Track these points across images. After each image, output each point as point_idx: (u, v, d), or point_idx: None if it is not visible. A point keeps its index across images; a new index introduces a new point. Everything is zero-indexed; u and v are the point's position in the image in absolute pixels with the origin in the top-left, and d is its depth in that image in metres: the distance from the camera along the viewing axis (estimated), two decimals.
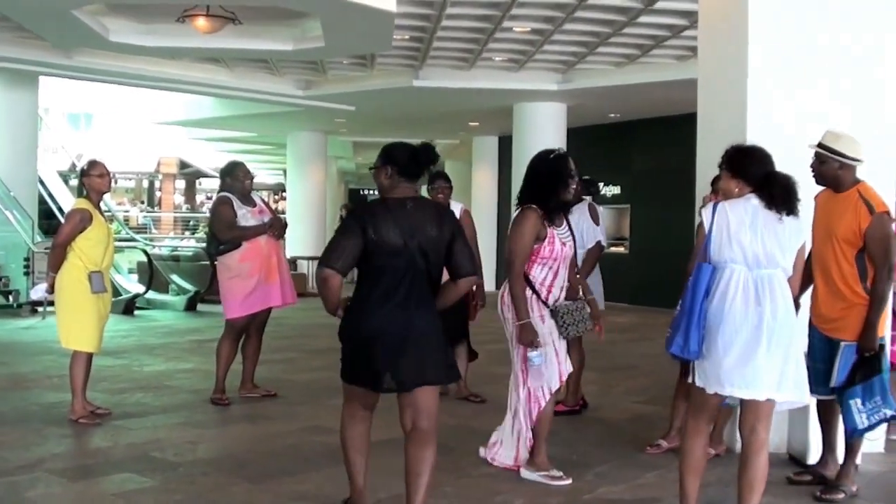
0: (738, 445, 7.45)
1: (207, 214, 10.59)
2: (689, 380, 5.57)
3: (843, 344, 6.31)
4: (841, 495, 6.39)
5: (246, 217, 9.35)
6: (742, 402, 5.50)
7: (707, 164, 8.07)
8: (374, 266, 5.37)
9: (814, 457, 6.92)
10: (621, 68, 18.34)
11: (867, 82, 7.83)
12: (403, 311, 5.32)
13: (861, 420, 6.22)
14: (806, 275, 6.65)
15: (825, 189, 6.59)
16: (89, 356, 8.47)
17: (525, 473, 6.82)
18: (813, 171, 6.50)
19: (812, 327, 6.63)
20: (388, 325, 5.30)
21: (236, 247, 9.30)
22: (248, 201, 9.47)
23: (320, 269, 5.34)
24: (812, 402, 6.67)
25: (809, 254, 6.66)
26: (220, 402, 9.28)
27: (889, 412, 6.26)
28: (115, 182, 11.91)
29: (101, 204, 8.66)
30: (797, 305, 6.66)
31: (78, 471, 6.90)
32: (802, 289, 6.70)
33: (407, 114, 23.56)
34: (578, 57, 17.79)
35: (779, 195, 5.43)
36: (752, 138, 7.62)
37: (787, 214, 5.43)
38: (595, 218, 9.18)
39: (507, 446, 7.02)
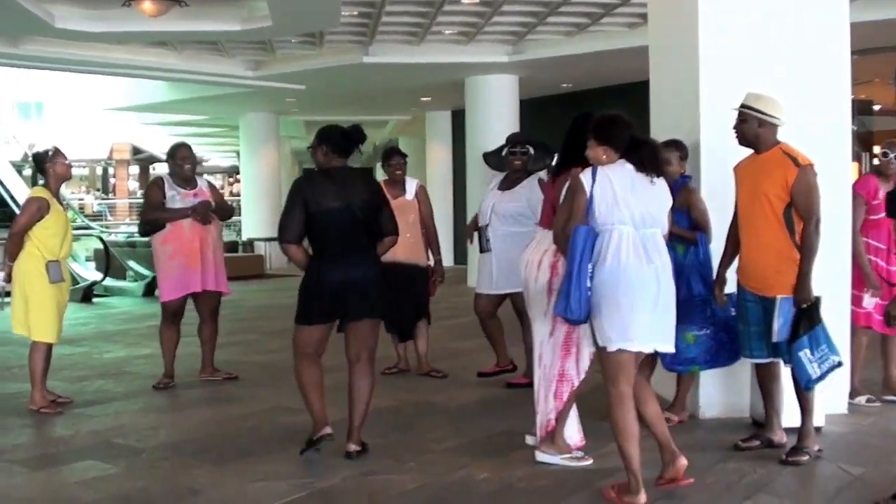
0: (701, 412, 7.57)
1: None
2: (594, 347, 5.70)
3: (779, 298, 6.36)
4: (805, 457, 6.40)
5: (174, 199, 9.25)
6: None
7: (660, 131, 8.02)
8: (319, 225, 6.48)
9: (789, 420, 6.85)
10: (572, 38, 18.30)
11: (824, 45, 7.76)
12: (345, 261, 6.48)
13: (813, 370, 6.27)
14: (733, 242, 6.74)
15: (744, 158, 6.68)
16: (49, 346, 8.40)
17: (544, 457, 6.47)
18: (735, 131, 6.59)
19: (743, 291, 6.69)
20: (335, 272, 6.46)
21: (160, 229, 9.24)
22: (186, 184, 9.36)
23: (280, 246, 6.64)
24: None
25: (734, 221, 6.75)
26: (159, 385, 9.28)
27: (836, 359, 6.35)
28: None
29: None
30: (725, 280, 6.78)
31: (40, 460, 6.86)
32: (731, 258, 6.78)
33: (358, 91, 23.46)
34: (528, 27, 17.75)
35: (648, 158, 5.65)
36: (705, 105, 7.64)
37: (657, 176, 5.66)
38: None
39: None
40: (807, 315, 6.29)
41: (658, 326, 5.56)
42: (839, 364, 6.44)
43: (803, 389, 6.45)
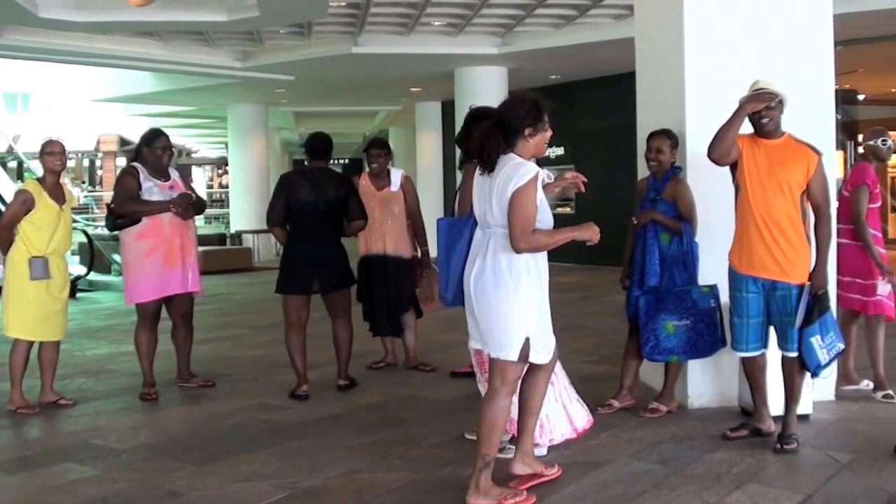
0: (689, 402, 7.50)
1: None
2: None
3: (806, 285, 6.31)
4: (794, 444, 6.39)
5: (151, 191, 8.53)
6: None
7: (646, 122, 8.04)
8: (295, 214, 8.34)
9: (774, 408, 6.78)
10: (560, 29, 18.29)
11: (808, 35, 7.71)
12: (314, 242, 8.31)
13: (823, 356, 6.31)
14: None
15: (745, 141, 6.44)
16: (29, 345, 8.22)
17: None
18: (764, 119, 6.37)
19: (743, 281, 6.50)
20: (306, 252, 8.29)
21: (135, 223, 8.53)
22: (160, 175, 8.69)
23: (269, 228, 8.60)
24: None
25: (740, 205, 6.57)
26: (148, 396, 8.61)
27: (841, 346, 6.45)
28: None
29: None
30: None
31: (16, 462, 6.70)
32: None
33: (348, 81, 23.37)
34: (517, 20, 17.70)
35: (477, 152, 5.42)
36: (692, 95, 7.60)
37: (488, 171, 5.34)
38: None
39: (557, 420, 6.43)
40: (819, 302, 6.29)
41: (478, 328, 5.48)
42: (843, 351, 6.57)
43: (812, 375, 6.50)
